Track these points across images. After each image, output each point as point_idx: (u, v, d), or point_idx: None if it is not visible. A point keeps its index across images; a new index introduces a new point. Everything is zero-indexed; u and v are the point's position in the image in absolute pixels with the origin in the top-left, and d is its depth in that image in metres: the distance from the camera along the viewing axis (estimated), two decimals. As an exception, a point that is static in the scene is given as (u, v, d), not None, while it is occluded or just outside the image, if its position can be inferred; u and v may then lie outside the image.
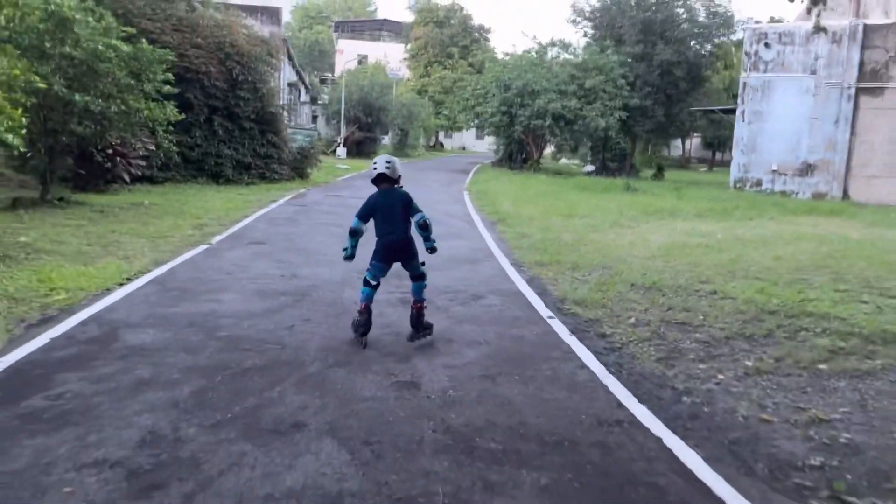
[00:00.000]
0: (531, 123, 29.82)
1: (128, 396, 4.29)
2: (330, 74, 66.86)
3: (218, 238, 10.53)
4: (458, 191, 21.57)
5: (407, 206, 5.54)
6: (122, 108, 12.60)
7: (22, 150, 8.69)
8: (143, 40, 13.48)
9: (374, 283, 5.57)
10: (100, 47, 11.85)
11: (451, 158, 48.56)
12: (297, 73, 41.66)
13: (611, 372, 5.23)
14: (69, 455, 3.49)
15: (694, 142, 54.62)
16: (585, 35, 33.86)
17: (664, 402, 4.71)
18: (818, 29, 11.73)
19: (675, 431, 4.19)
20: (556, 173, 32.97)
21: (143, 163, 16.05)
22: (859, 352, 5.93)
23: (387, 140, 47.76)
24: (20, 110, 8.23)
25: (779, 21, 33.80)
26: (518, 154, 36.97)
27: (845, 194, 25.38)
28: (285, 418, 4.07)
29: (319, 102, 50.58)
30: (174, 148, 14.61)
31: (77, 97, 11.41)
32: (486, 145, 53.17)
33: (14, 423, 3.85)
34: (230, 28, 19.74)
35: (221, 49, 18.94)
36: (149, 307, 6.43)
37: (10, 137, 7.77)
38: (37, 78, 8.89)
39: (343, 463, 3.55)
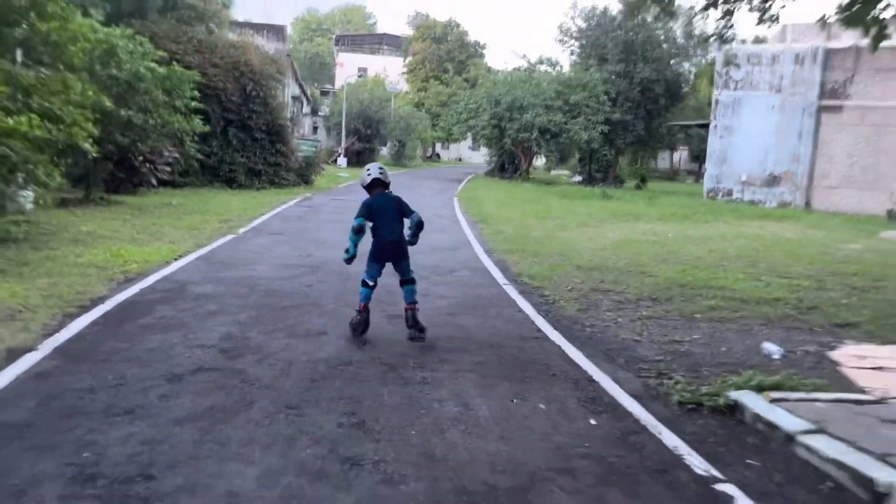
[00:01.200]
0: (519, 136, 32.11)
1: (206, 318, 6.41)
2: (331, 86, 69.22)
3: (242, 230, 12.68)
4: (448, 197, 23.74)
5: (401, 207, 5.99)
6: (158, 120, 14.74)
7: (94, 155, 10.82)
8: (174, 62, 15.66)
9: (371, 283, 5.96)
10: (141, 69, 14.02)
11: (447, 169, 50.83)
12: (300, 86, 43.95)
13: (539, 313, 7.36)
14: (181, 343, 5.60)
15: (683, 154, 56.90)
16: (572, 53, 36.16)
17: (571, 330, 6.82)
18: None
19: (571, 342, 6.30)
20: (544, 183, 35.19)
21: (168, 168, 18.16)
22: (731, 308, 8.02)
23: (385, 151, 50.01)
24: (91, 124, 10.36)
25: (762, 40, 36.10)
26: (509, 164, 39.19)
27: (808, 203, 27.51)
28: (313, 330, 6.19)
29: (320, 114, 52.86)
30: (198, 156, 16.75)
31: (122, 112, 13.54)
32: (482, 156, 55.44)
33: (139, 329, 5.96)
34: (244, 49, 21.95)
35: (237, 68, 21.13)
36: (202, 273, 8.56)
37: (87, 146, 9.92)
38: (105, 99, 11.03)
39: (352, 349, 5.67)
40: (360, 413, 4.33)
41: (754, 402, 4.68)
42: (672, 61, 34.81)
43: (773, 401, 4.69)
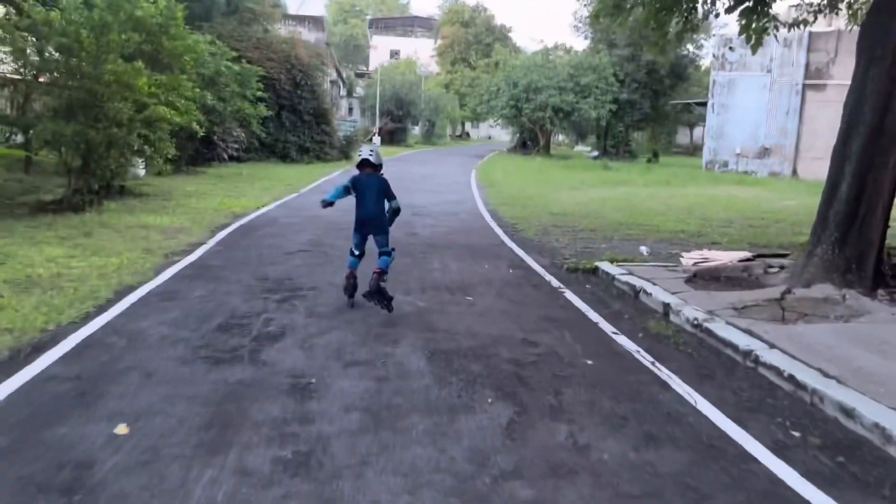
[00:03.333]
0: (535, 115, 35.71)
1: (296, 233, 10.41)
2: (365, 68, 73.07)
3: (303, 190, 16.76)
4: (468, 168, 27.55)
5: (385, 189, 6.42)
6: (232, 107, 18.80)
7: (201, 134, 14.89)
8: (241, 59, 19.70)
9: (356, 252, 6.51)
10: (221, 67, 18.06)
11: (474, 147, 54.53)
12: (337, 70, 47.84)
13: (507, 235, 11.23)
14: (285, 241, 9.61)
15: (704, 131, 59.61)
16: (586, 38, 39.47)
17: (524, 243, 10.65)
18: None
19: (520, 247, 10.15)
20: (562, 157, 38.71)
21: (235, 146, 22.30)
22: (643, 234, 11.74)
23: (416, 130, 53.83)
24: (197, 111, 14.39)
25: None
26: (530, 141, 42.75)
27: (794, 173, 30.68)
28: (361, 238, 10.14)
29: (355, 95, 56.80)
30: (262, 135, 20.82)
31: (209, 100, 17.59)
32: (508, 135, 58.93)
33: (258, 236, 9.99)
34: (294, 44, 25.94)
35: (288, 61, 25.14)
36: (283, 213, 12.60)
37: (196, 127, 13.97)
38: (207, 95, 15.07)
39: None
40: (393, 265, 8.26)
41: (604, 265, 8.48)
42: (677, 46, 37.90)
43: (618, 265, 8.48)
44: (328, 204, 6.47)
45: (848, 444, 3.95)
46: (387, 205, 6.52)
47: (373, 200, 6.40)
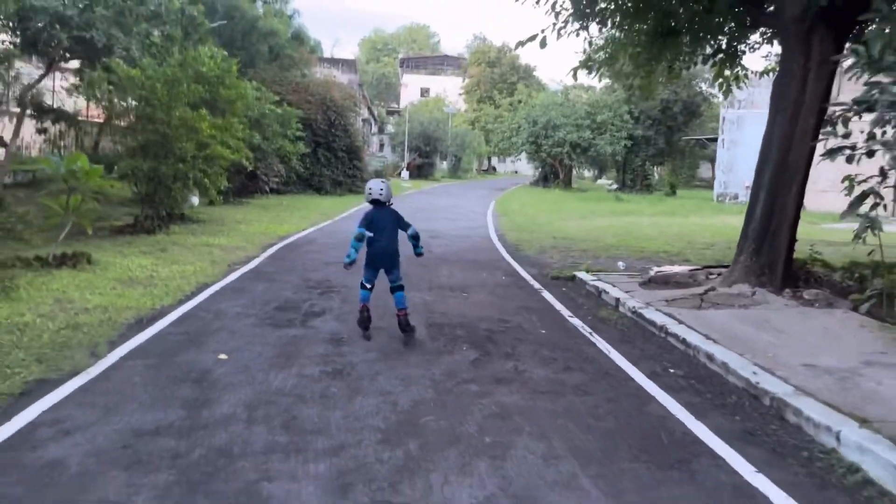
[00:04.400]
0: (553, 150, 37.88)
1: (330, 250, 12.54)
2: (396, 105, 76.23)
3: (336, 218, 18.99)
4: (487, 201, 29.68)
5: (398, 221, 6.60)
6: (275, 145, 21.22)
7: (250, 169, 17.24)
8: (284, 102, 22.17)
9: (368, 286, 6.64)
10: (265, 110, 20.52)
11: (498, 180, 56.80)
12: (368, 109, 50.71)
13: (508, 253, 13.25)
14: (322, 256, 11.74)
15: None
16: (600, 80, 41.60)
17: (521, 259, 12.64)
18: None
19: (517, 262, 12.14)
20: (581, 191, 40.70)
21: (276, 179, 24.74)
22: (628, 253, 13.64)
23: (444, 165, 56.34)
24: (245, 149, 16.74)
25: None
26: (551, 175, 44.87)
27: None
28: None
29: (385, 132, 59.65)
30: (300, 170, 23.23)
31: (255, 139, 20.01)
32: (532, 169, 61.22)
33: (299, 252, 12.16)
34: (329, 87, 28.52)
35: (324, 102, 27.68)
36: (320, 236, 14.80)
37: (247, 163, 16.32)
38: (256, 135, 17.44)
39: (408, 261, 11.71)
40: (406, 272, 10.32)
41: (581, 274, 10.44)
42: (693, 81, 39.89)
43: (592, 274, 10.43)
44: (352, 263, 6.59)
45: (703, 375, 5.86)
46: (402, 234, 6.69)
47: (388, 235, 6.56)
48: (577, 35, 12.43)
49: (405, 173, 46.25)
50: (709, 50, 12.90)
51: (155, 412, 4.55)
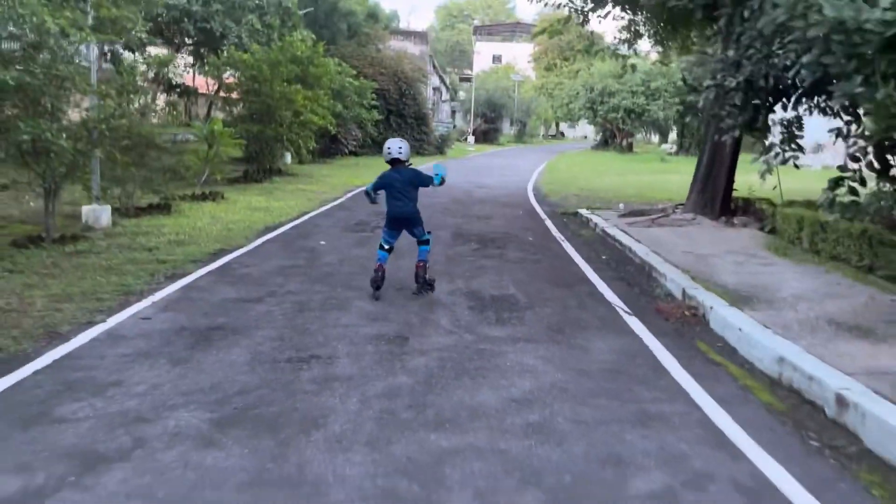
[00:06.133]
0: (608, 116, 40.44)
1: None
2: (469, 72, 79.21)
3: (403, 174, 22.66)
4: (541, 161, 32.83)
5: (416, 179, 6.71)
6: (353, 113, 25.01)
7: (333, 133, 21.08)
8: (361, 76, 25.88)
9: (387, 246, 6.71)
10: (345, 83, 24.27)
11: (563, 145, 59.43)
12: (440, 77, 54.06)
13: (535, 198, 16.64)
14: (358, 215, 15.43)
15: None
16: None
17: (542, 202, 15.99)
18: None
19: (538, 204, 15.53)
20: (638, 154, 43.08)
21: (354, 143, 28.59)
22: (638, 199, 16.74)
23: (510, 130, 59.32)
24: (330, 116, 20.53)
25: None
26: (610, 139, 47.33)
27: (845, 167, 33.89)
28: (461, 208, 15.87)
29: (457, 99, 62.91)
30: (374, 134, 27.02)
31: (337, 108, 23.83)
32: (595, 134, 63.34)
33: (344, 212, 15.89)
34: (400, 60, 32.08)
35: (395, 74, 31.28)
36: (388, 186, 18.49)
37: (330, 128, 20.14)
38: (338, 104, 21.21)
39: (459, 210, 15.26)
40: (448, 207, 13.87)
41: (581, 210, 13.73)
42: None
43: (591, 210, 13.70)
44: (373, 202, 7.06)
45: (619, 259, 9.22)
46: (427, 188, 6.84)
47: (406, 195, 6.56)
48: (602, 19, 15.49)
49: (471, 138, 49.60)
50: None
51: (289, 260, 8.34)
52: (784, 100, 8.20)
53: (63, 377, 4.41)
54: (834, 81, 5.74)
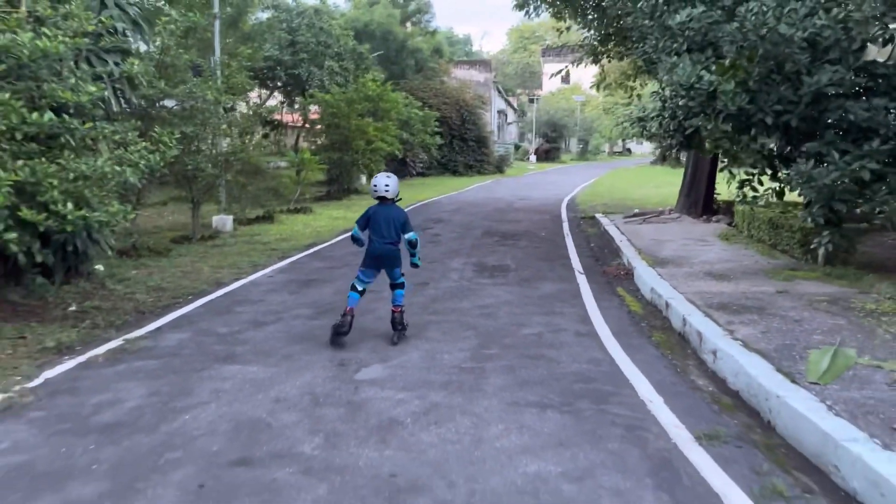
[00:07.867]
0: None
1: (449, 205, 19.68)
2: (538, 93, 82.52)
3: (463, 190, 26.17)
4: (592, 177, 35.69)
5: (401, 222, 6.25)
6: (419, 139, 28.74)
7: (400, 157, 24.83)
8: (426, 106, 29.64)
9: (360, 287, 6.32)
10: (412, 114, 28.03)
11: (624, 161, 61.79)
12: (506, 101, 57.55)
13: (567, 207, 19.75)
14: (443, 210, 18.91)
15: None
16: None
17: (570, 209, 19.08)
18: None
19: (566, 211, 18.64)
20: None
21: (420, 165, 32.33)
22: (656, 206, 19.61)
23: (572, 148, 62.13)
24: (398, 143, 24.22)
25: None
26: (668, 154, 49.48)
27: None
28: (506, 215, 19.22)
29: (523, 121, 66.25)
30: (438, 157, 30.69)
31: (405, 136, 27.58)
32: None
33: (433, 208, 19.41)
34: (462, 90, 35.75)
35: (457, 103, 34.96)
36: (447, 200, 22.02)
37: (398, 153, 23.86)
38: (404, 132, 24.94)
39: (494, 210, 18.60)
40: (485, 213, 17.19)
41: (598, 215, 16.78)
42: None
43: (606, 215, 16.73)
44: (361, 244, 6.34)
45: (603, 246, 12.32)
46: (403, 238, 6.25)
47: (389, 234, 6.24)
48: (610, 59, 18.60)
49: (532, 157, 52.79)
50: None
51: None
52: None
53: (232, 298, 8.04)
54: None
